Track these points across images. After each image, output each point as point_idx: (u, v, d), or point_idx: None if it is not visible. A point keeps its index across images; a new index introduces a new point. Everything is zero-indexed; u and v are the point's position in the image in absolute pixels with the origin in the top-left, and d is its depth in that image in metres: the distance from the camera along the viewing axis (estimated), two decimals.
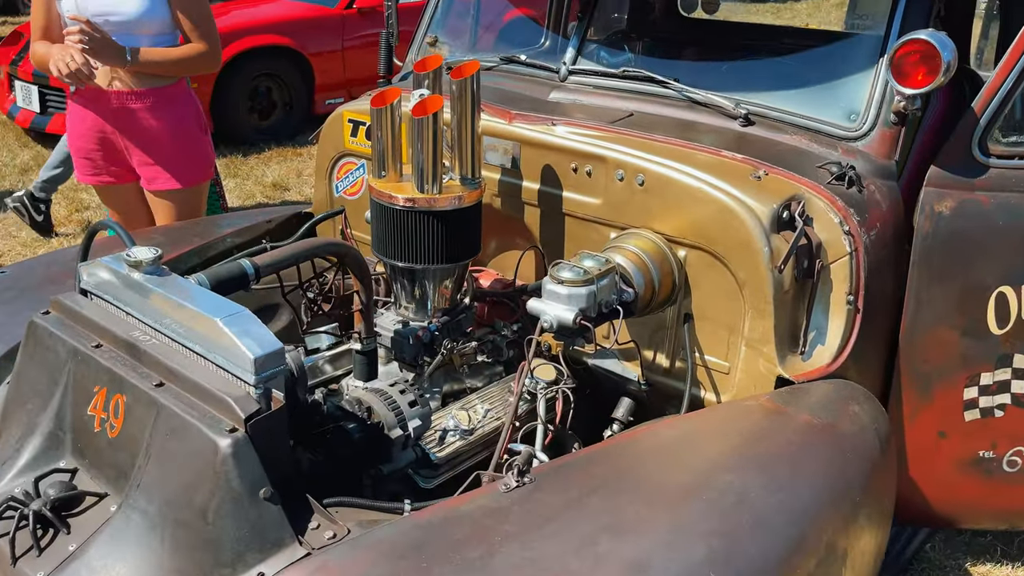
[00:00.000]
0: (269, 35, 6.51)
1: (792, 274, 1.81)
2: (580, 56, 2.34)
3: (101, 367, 1.49)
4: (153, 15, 2.76)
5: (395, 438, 1.64)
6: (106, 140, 2.88)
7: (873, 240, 1.87)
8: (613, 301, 1.80)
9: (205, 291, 1.49)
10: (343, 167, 2.57)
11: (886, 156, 1.98)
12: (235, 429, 1.31)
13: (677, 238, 1.91)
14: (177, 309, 1.46)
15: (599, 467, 1.45)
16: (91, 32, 2.59)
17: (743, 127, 2.08)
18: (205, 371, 1.41)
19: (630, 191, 1.96)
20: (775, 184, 1.87)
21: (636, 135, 2.03)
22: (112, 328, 1.53)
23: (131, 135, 2.88)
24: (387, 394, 1.68)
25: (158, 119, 2.87)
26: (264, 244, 2.46)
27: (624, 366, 2.11)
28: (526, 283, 2.27)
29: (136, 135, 2.88)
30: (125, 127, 2.85)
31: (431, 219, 1.89)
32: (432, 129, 1.81)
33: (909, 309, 1.96)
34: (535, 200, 2.15)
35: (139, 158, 2.91)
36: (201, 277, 1.55)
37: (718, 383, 1.95)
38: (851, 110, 2.01)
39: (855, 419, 1.71)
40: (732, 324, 1.89)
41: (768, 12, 11.52)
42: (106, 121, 2.85)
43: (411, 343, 1.97)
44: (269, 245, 2.45)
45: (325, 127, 2.59)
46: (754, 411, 1.67)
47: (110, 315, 1.57)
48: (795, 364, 1.84)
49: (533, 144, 2.10)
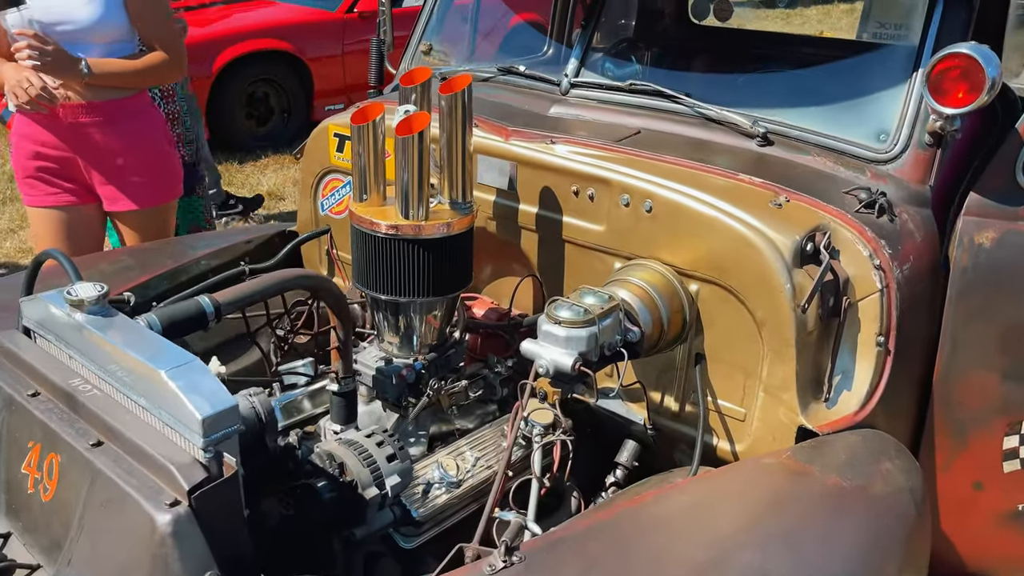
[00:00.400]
0: (267, 39, 6.36)
1: (816, 313, 1.62)
2: (583, 67, 2.16)
3: (35, 420, 1.32)
4: (108, 22, 2.54)
5: (370, 498, 1.46)
6: (59, 159, 2.63)
7: (906, 275, 1.69)
8: (617, 343, 1.62)
9: (152, 336, 1.32)
10: (328, 184, 2.40)
11: (920, 181, 1.79)
12: (177, 502, 1.13)
13: (688, 271, 1.73)
14: (122, 356, 1.29)
15: (598, 543, 1.26)
16: (41, 45, 2.36)
17: (761, 147, 1.90)
18: (149, 430, 1.23)
19: (636, 218, 1.77)
20: (797, 212, 1.69)
21: (643, 155, 1.85)
22: (51, 375, 1.35)
23: (87, 152, 2.63)
24: (362, 447, 1.50)
25: (117, 134, 2.64)
26: (243, 267, 2.29)
27: (629, 408, 1.92)
28: (523, 313, 2.09)
29: (92, 152, 2.63)
30: (80, 144, 2.61)
31: (417, 248, 1.71)
32: (418, 150, 1.64)
33: (944, 350, 1.77)
34: (533, 224, 1.97)
35: (97, 177, 2.67)
36: (152, 317, 1.37)
37: (733, 431, 1.77)
38: (881, 130, 1.83)
39: (888, 478, 1.52)
40: (749, 367, 1.70)
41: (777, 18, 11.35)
42: (58, 138, 2.59)
43: (394, 383, 1.79)
44: (248, 268, 2.28)
45: (310, 141, 2.42)
46: (775, 472, 1.48)
47: (51, 359, 1.40)
48: (818, 412, 1.66)
49: (531, 164, 1.93)
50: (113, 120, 2.61)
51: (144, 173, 2.69)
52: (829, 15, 12.09)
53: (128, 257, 2.26)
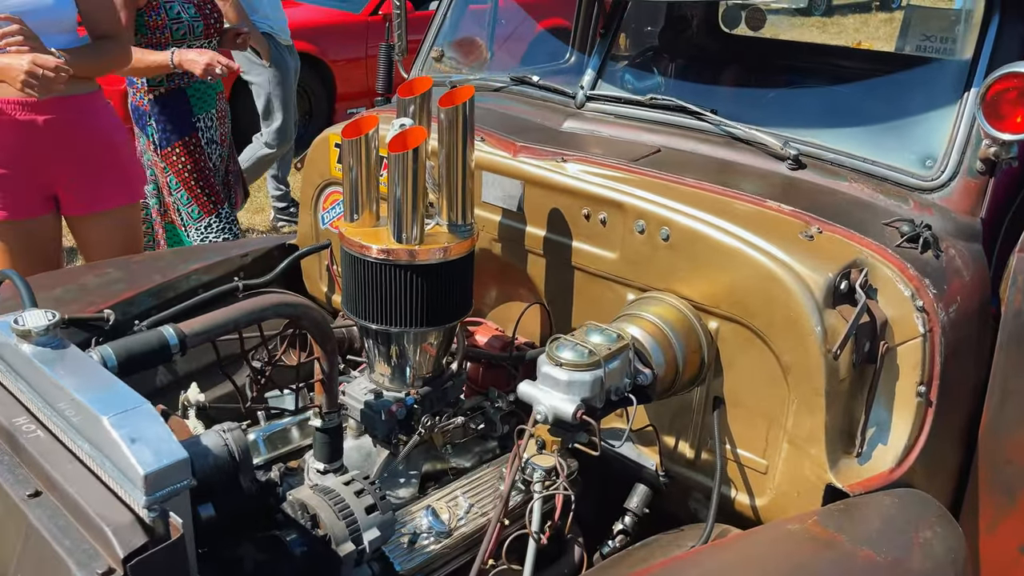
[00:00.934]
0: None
1: (850, 359, 1.45)
2: (601, 79, 2.01)
3: None
4: (64, 9, 2.42)
5: (345, 555, 1.32)
6: (9, 164, 2.45)
7: (952, 318, 1.51)
8: (626, 386, 1.46)
9: (102, 374, 1.18)
10: (329, 196, 2.27)
11: (969, 212, 1.62)
12: (111, 572, 0.99)
13: (708, 307, 1.57)
14: (68, 395, 1.16)
15: None
16: (28, 31, 2.23)
17: (792, 171, 1.73)
18: (92, 482, 1.10)
19: (652, 246, 1.62)
20: (831, 245, 1.52)
21: (662, 177, 1.69)
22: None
23: (41, 154, 2.46)
24: (339, 498, 1.36)
25: (72, 133, 2.48)
26: (236, 282, 2.16)
27: (640, 451, 1.76)
28: (530, 342, 1.94)
29: (47, 153, 2.46)
30: (33, 145, 2.44)
31: (410, 274, 1.57)
32: (412, 168, 1.49)
33: (993, 401, 1.60)
34: (540, 248, 1.82)
35: (53, 180, 2.51)
36: (107, 351, 1.24)
37: (753, 484, 1.60)
38: (927, 154, 1.66)
39: (927, 550, 1.35)
40: (773, 415, 1.54)
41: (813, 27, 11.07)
42: (7, 140, 2.43)
43: (383, 419, 1.65)
44: (242, 283, 2.15)
45: (311, 151, 2.29)
46: (799, 540, 1.31)
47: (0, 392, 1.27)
48: (849, 469, 1.49)
49: (539, 183, 1.77)
50: (67, 118, 2.46)
51: (103, 171, 2.55)
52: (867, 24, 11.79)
53: (115, 270, 2.14)
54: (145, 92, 3.24)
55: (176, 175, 3.31)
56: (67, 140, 2.49)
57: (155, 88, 3.23)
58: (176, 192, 3.34)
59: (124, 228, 2.62)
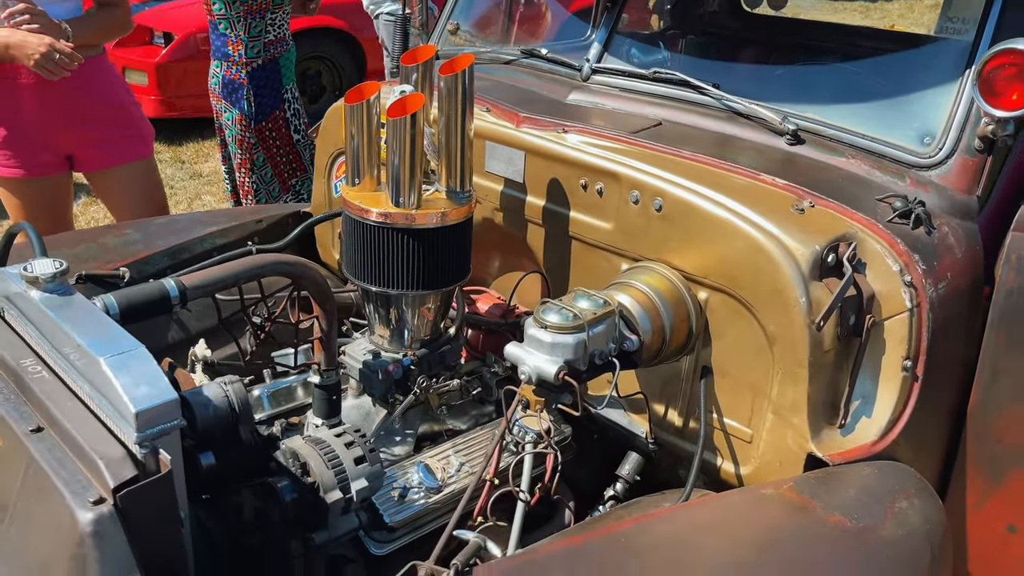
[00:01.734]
0: (321, 16, 6.32)
1: (835, 331, 1.47)
2: (607, 53, 2.03)
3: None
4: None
5: (333, 502, 1.37)
6: (25, 126, 2.58)
7: (942, 294, 1.52)
8: (611, 351, 1.50)
9: (103, 320, 1.25)
10: (342, 165, 2.31)
11: (965, 191, 1.62)
12: (101, 500, 1.06)
13: (698, 277, 1.59)
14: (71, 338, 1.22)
15: (560, 574, 1.15)
16: (34, 7, 2.33)
17: (791, 146, 1.74)
18: (90, 420, 1.16)
19: (646, 217, 1.64)
20: (822, 219, 1.53)
21: (659, 149, 1.71)
22: (3, 353, 1.29)
23: (55, 116, 2.59)
24: (329, 448, 1.41)
25: (84, 94, 2.61)
26: (250, 246, 2.23)
27: (631, 419, 1.80)
28: (529, 311, 1.98)
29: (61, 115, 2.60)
30: (47, 108, 2.57)
31: (408, 238, 1.62)
32: (410, 133, 1.53)
33: (983, 379, 1.60)
34: (539, 218, 1.85)
35: (69, 140, 2.65)
36: (109, 299, 1.31)
37: (738, 452, 1.63)
38: (925, 132, 1.65)
39: (901, 520, 1.37)
40: (758, 385, 1.56)
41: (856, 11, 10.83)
42: (23, 104, 2.55)
43: (380, 378, 1.70)
44: (255, 248, 2.22)
45: (325, 120, 2.34)
46: (772, 504, 1.34)
47: (9, 336, 1.34)
48: (832, 440, 1.51)
49: (540, 153, 1.81)
50: (79, 80, 2.55)
51: (116, 129, 2.68)
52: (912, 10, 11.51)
53: (134, 231, 2.22)
54: (243, 65, 3.20)
55: (266, 151, 3.28)
56: (81, 100, 2.62)
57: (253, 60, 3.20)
58: (261, 169, 3.29)
59: (142, 181, 2.76)
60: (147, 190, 2.80)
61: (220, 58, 3.27)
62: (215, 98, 3.36)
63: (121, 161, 2.69)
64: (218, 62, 3.28)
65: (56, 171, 2.67)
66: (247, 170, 3.30)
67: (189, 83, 5.70)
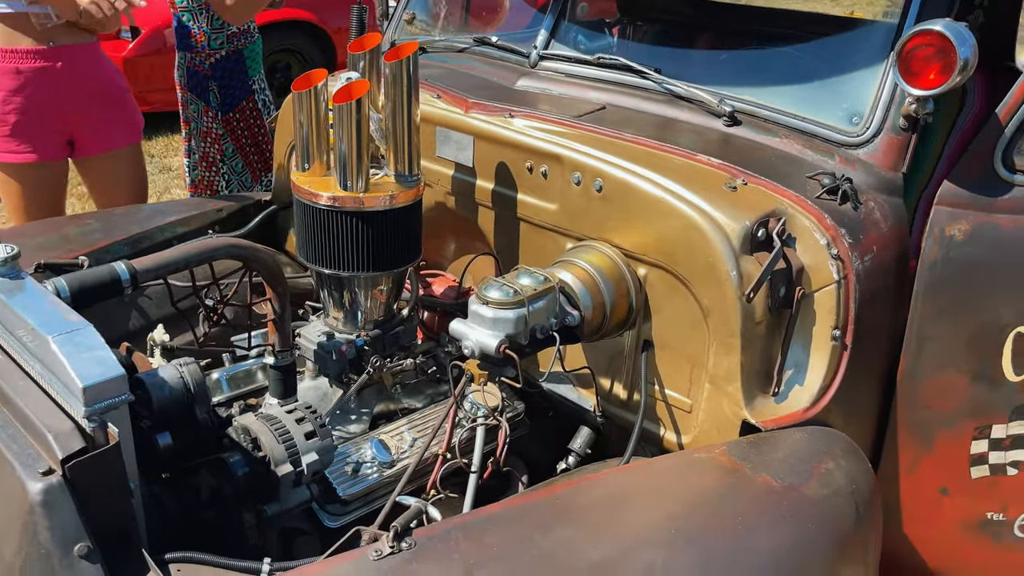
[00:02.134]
0: (289, 9, 6.33)
1: (766, 303, 1.54)
2: (554, 40, 2.08)
3: None
4: None
5: (283, 475, 1.43)
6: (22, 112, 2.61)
7: (868, 266, 1.59)
8: (552, 325, 1.56)
9: (52, 301, 1.29)
10: None
11: (891, 168, 1.69)
12: (50, 471, 1.11)
13: (638, 254, 1.66)
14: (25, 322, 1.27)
15: (497, 534, 1.21)
16: None
17: (728, 127, 1.81)
18: (42, 397, 1.21)
19: (587, 197, 1.70)
20: (754, 196, 1.60)
21: (601, 132, 1.77)
22: None
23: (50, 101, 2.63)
24: (280, 423, 1.47)
25: (78, 78, 2.66)
26: (210, 235, 2.27)
27: (580, 394, 1.86)
28: None
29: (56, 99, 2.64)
30: (42, 93, 2.60)
31: (358, 221, 1.67)
32: (356, 118, 1.58)
33: (910, 347, 1.68)
34: (489, 201, 1.91)
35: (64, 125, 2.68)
36: (60, 282, 1.35)
37: (679, 422, 1.70)
38: (854, 112, 1.72)
39: (827, 479, 1.44)
40: (696, 356, 1.63)
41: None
42: (19, 89, 2.59)
43: (334, 359, 1.76)
44: (215, 237, 2.26)
45: (281, 111, 2.39)
46: (703, 467, 1.41)
47: None
48: (765, 407, 1.58)
49: (487, 138, 1.86)
50: (79, 64, 2.63)
51: (115, 112, 2.75)
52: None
53: (95, 221, 2.25)
54: (207, 56, 3.22)
55: (235, 141, 3.29)
56: (82, 85, 2.68)
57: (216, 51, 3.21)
58: (231, 160, 3.29)
59: (135, 166, 2.85)
60: (139, 176, 2.90)
61: (184, 50, 3.29)
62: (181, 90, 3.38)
63: (118, 145, 2.77)
64: (182, 54, 3.29)
65: (60, 156, 2.74)
66: (215, 162, 3.31)
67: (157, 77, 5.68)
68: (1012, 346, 1.65)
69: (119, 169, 2.83)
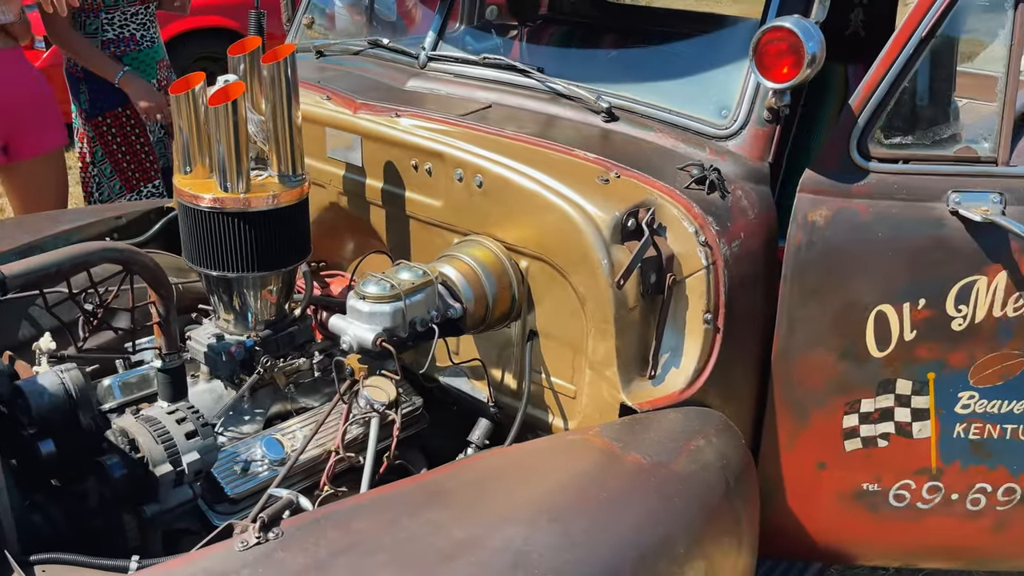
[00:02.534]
0: (212, 16, 6.25)
1: (637, 290, 1.60)
2: (442, 41, 2.13)
3: None
4: None
5: (162, 475, 1.43)
6: None
7: (736, 252, 1.67)
8: (433, 318, 1.60)
9: None
10: None
11: (758, 158, 1.77)
12: None
13: (518, 247, 1.71)
14: None
15: (365, 520, 1.24)
16: None
17: (606, 123, 1.87)
18: None
19: (469, 193, 1.75)
20: (625, 188, 1.66)
21: (483, 130, 1.82)
22: None
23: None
24: (159, 423, 1.47)
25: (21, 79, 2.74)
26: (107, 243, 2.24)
27: (474, 385, 1.90)
28: None
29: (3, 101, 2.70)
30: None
31: (241, 222, 1.68)
32: (232, 120, 1.60)
33: (782, 329, 1.75)
34: (379, 200, 1.94)
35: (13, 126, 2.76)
36: None
37: (565, 408, 1.75)
38: (723, 105, 1.80)
39: (695, 456, 1.51)
40: (576, 344, 1.68)
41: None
42: None
43: (224, 360, 1.77)
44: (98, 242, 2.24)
45: None
46: (576, 449, 1.46)
47: None
48: (643, 390, 1.64)
49: (374, 137, 1.89)
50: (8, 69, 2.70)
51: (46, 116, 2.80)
52: None
53: None
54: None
55: (104, 147, 3.26)
56: (14, 89, 2.73)
57: None
58: (101, 164, 3.27)
59: (62, 171, 2.90)
60: (64, 180, 2.95)
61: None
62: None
63: (50, 148, 2.81)
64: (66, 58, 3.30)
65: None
66: (87, 164, 3.32)
67: None
68: (874, 324, 1.74)
69: (49, 173, 2.87)
